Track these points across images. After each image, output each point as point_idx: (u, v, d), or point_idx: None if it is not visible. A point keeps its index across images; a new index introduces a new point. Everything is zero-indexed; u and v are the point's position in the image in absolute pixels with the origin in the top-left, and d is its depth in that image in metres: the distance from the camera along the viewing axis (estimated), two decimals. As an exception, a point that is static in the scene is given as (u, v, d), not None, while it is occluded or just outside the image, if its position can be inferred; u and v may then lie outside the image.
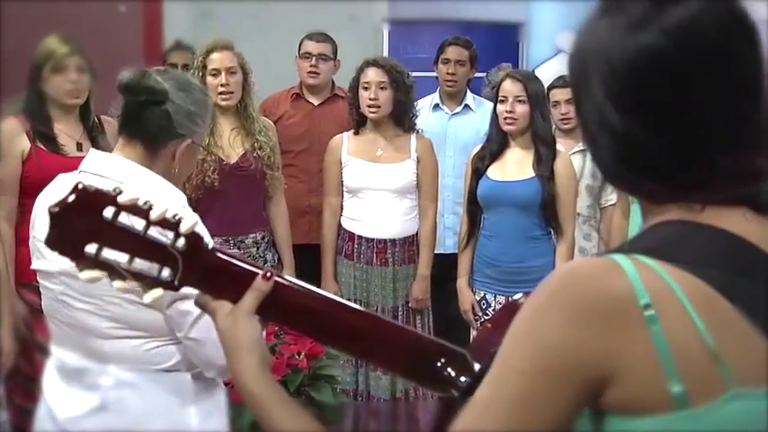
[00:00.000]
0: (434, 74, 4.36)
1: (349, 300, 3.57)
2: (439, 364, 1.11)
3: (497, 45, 5.79)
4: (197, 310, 1.62)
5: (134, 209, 0.99)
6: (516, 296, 1.22)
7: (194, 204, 3.47)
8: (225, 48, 3.44)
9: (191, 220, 1.01)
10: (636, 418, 0.87)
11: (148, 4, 5.12)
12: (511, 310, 1.20)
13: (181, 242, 1.01)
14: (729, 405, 0.85)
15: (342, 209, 3.67)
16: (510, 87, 3.39)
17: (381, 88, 3.53)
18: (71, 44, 3.05)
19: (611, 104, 0.91)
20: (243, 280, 1.05)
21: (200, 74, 3.42)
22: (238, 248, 3.48)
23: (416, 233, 3.67)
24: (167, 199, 1.76)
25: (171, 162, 1.80)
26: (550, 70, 5.25)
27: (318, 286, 3.44)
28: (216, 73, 3.41)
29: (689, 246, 0.90)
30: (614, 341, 0.86)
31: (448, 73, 4.24)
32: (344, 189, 3.65)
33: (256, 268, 1.07)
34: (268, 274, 1.06)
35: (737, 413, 0.86)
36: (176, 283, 1.03)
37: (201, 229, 1.08)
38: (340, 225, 3.67)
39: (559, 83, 3.99)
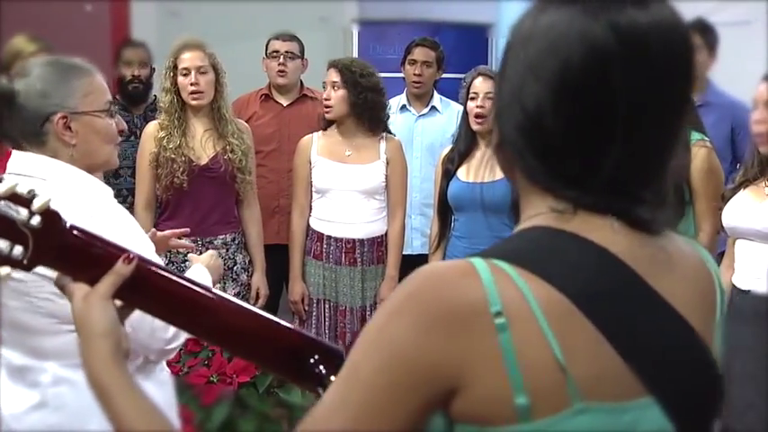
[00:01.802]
0: (404, 75, 4.37)
1: (318, 300, 3.62)
2: (312, 360, 1.08)
3: (467, 46, 5.81)
4: None
5: None
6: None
7: (164, 204, 3.49)
8: (196, 47, 3.43)
9: (44, 197, 0.97)
10: (480, 428, 0.86)
11: (115, 3, 5.08)
12: None
13: (36, 220, 0.96)
14: (574, 419, 0.84)
15: (310, 209, 3.67)
16: (481, 85, 3.40)
17: (335, 89, 3.53)
18: (39, 43, 3.03)
19: (533, 78, 0.89)
20: (102, 262, 1.01)
21: (172, 74, 3.42)
22: (207, 249, 3.46)
23: (385, 234, 3.67)
24: (92, 192, 1.78)
25: (63, 144, 1.80)
26: (519, 71, 5.27)
27: (287, 286, 3.45)
28: (186, 72, 3.39)
29: (552, 255, 0.88)
30: (462, 349, 0.84)
31: (415, 74, 4.26)
32: (313, 189, 3.65)
33: (119, 251, 1.02)
34: (130, 257, 1.01)
35: (581, 427, 0.84)
36: (25, 262, 0.98)
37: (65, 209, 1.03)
38: (309, 225, 3.67)
39: None
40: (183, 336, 1.76)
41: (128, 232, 1.74)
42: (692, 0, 0.93)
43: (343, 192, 3.60)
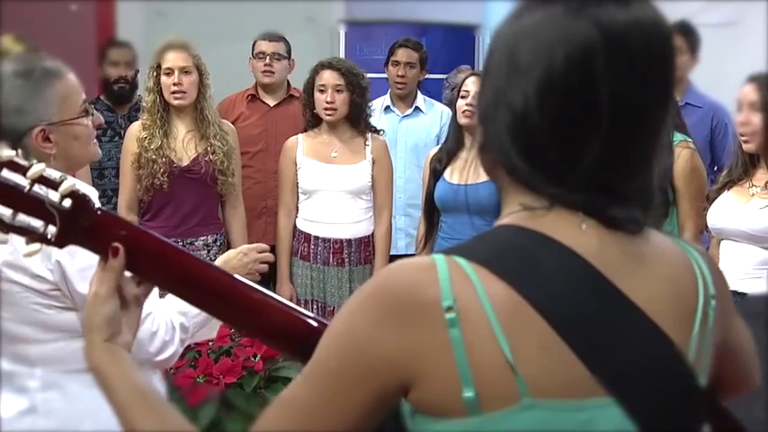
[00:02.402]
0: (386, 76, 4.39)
1: (306, 301, 3.61)
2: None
3: (454, 46, 5.82)
4: None
5: (15, 166, 1.02)
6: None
7: (146, 205, 3.48)
8: (180, 47, 3.42)
9: (70, 181, 1.04)
10: (434, 420, 0.88)
11: (101, 3, 5.06)
12: None
13: (67, 202, 1.03)
14: (522, 414, 0.86)
15: (297, 210, 3.66)
16: (474, 84, 3.41)
17: (338, 91, 3.52)
18: (25, 44, 3.01)
19: (519, 77, 0.90)
20: (125, 242, 1.06)
21: (155, 74, 3.41)
22: (188, 250, 3.46)
23: (372, 234, 3.67)
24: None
25: (43, 155, 1.75)
26: (506, 72, 5.28)
27: (274, 288, 3.43)
28: (169, 72, 3.38)
29: (514, 254, 0.90)
30: (414, 342, 0.87)
31: (398, 75, 4.27)
32: (299, 190, 3.64)
33: (145, 235, 1.08)
34: (115, 249, 1.05)
35: (532, 423, 0.86)
36: (54, 240, 1.05)
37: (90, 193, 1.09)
38: (295, 226, 3.67)
39: None
40: (173, 348, 1.75)
41: None
42: (678, 0, 0.93)
43: (330, 192, 3.59)
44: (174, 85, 3.37)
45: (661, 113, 0.93)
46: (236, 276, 1.13)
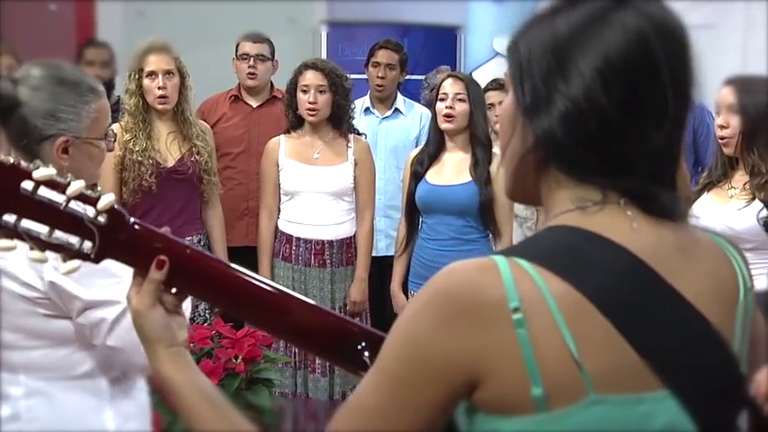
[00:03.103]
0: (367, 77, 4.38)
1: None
2: (359, 347, 1.13)
3: (435, 48, 5.83)
4: (111, 316, 1.62)
5: (51, 183, 1.03)
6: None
7: (130, 208, 3.46)
8: (162, 50, 3.41)
9: (108, 197, 1.05)
10: (500, 418, 0.90)
11: (80, 3, 5.03)
12: None
13: (103, 217, 1.05)
14: (588, 410, 0.88)
15: (279, 211, 3.66)
16: (451, 86, 3.42)
17: (321, 92, 3.52)
18: (2, 44, 2.99)
19: (572, 68, 0.93)
20: (165, 254, 1.08)
21: (137, 76, 3.39)
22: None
23: (354, 235, 3.67)
24: None
25: (54, 164, 1.75)
26: (488, 73, 5.31)
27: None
28: (152, 75, 3.37)
29: (571, 254, 0.92)
30: (483, 343, 0.88)
31: (378, 77, 4.27)
32: (281, 192, 3.64)
33: (178, 245, 1.10)
34: (161, 262, 1.07)
35: (597, 418, 0.89)
36: (93, 255, 1.06)
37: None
38: (277, 227, 3.66)
39: (494, 85, 4.02)
40: None
41: None
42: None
43: (312, 194, 3.59)
44: (159, 89, 3.36)
45: (692, 101, 0.98)
46: (271, 283, 1.14)
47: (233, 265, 1.14)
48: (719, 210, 2.76)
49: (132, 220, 1.08)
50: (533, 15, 0.98)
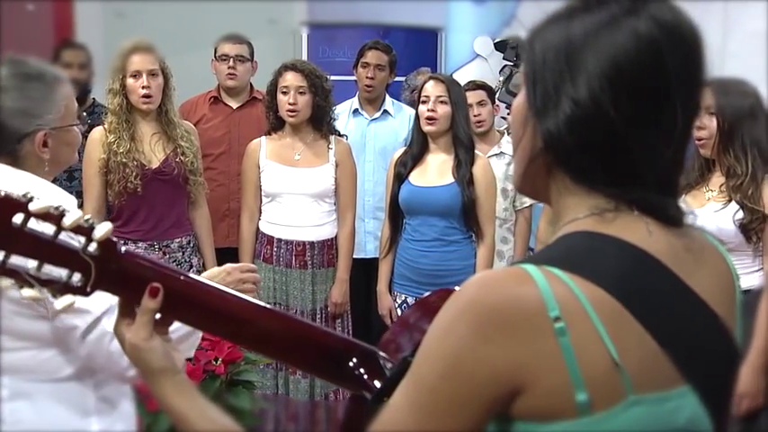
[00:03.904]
0: (353, 77, 4.37)
1: (268, 303, 3.60)
2: (351, 363, 1.13)
3: (416, 49, 5.83)
4: (83, 324, 1.61)
5: (46, 216, 0.98)
6: (425, 294, 1.24)
7: (117, 211, 3.44)
8: (146, 50, 3.40)
9: (105, 227, 1.01)
10: (542, 424, 0.91)
11: (58, 3, 5.00)
12: (420, 308, 1.22)
13: (93, 247, 1.01)
14: (628, 411, 0.90)
15: (260, 213, 3.65)
16: (432, 88, 3.43)
17: (300, 93, 3.52)
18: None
19: (581, 73, 0.93)
20: (157, 281, 1.05)
21: (120, 76, 3.37)
22: (164, 253, 3.45)
23: (335, 237, 3.67)
24: (58, 203, 1.72)
25: (37, 158, 1.75)
26: (468, 75, 5.32)
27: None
28: (137, 75, 3.35)
29: (596, 258, 0.94)
30: (525, 353, 0.89)
31: (367, 77, 4.25)
32: (263, 193, 3.63)
33: (169, 271, 1.07)
34: (155, 290, 1.05)
35: (635, 418, 0.91)
36: (88, 288, 1.02)
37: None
38: (258, 229, 3.66)
39: (470, 86, 4.04)
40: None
41: None
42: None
43: (293, 195, 3.59)
44: (144, 88, 3.35)
45: (700, 109, 0.99)
46: (258, 302, 1.13)
47: (227, 290, 1.12)
48: (697, 212, 2.78)
49: (124, 249, 1.05)
50: (550, 15, 0.98)
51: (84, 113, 4.02)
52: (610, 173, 0.95)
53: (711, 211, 2.75)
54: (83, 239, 1.00)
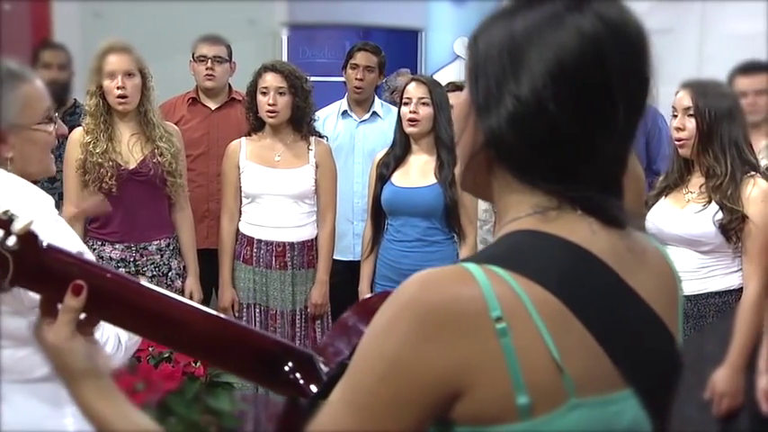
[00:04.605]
0: (334, 78, 4.37)
1: (248, 305, 3.59)
2: (286, 368, 1.09)
3: (396, 50, 5.83)
4: None
5: None
6: (366, 296, 1.21)
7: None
8: (122, 50, 3.37)
9: (25, 219, 0.97)
10: (482, 427, 0.88)
11: (36, 3, 4.96)
12: (359, 310, 1.19)
13: (12, 241, 0.96)
14: (570, 414, 0.88)
15: (240, 214, 3.64)
16: (415, 90, 3.44)
17: (280, 93, 3.51)
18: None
19: (524, 70, 0.91)
20: (81, 278, 1.00)
21: (96, 77, 3.35)
22: (141, 255, 3.42)
23: (315, 238, 3.66)
24: (33, 203, 1.71)
25: (1, 158, 1.72)
26: (448, 76, 5.33)
27: (216, 292, 3.37)
28: (112, 75, 3.33)
29: (539, 257, 0.92)
30: (465, 354, 0.86)
31: (356, 79, 4.21)
32: (243, 194, 3.62)
33: (95, 268, 1.02)
34: (78, 287, 1.00)
35: (576, 422, 0.88)
36: (6, 284, 0.98)
37: (38, 228, 1.01)
38: (238, 230, 3.64)
39: (450, 87, 4.04)
40: (117, 360, 1.72)
41: (68, 244, 1.69)
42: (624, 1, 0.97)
43: (273, 196, 3.58)
44: (118, 89, 3.32)
45: (646, 104, 0.97)
46: (189, 302, 1.09)
47: (158, 289, 1.07)
48: (677, 214, 2.80)
49: (46, 243, 1.00)
50: (495, 12, 0.97)
51: (63, 114, 4.00)
52: (552, 170, 0.93)
53: (692, 212, 2.76)
54: (1, 232, 0.96)
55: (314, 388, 1.07)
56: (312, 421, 0.92)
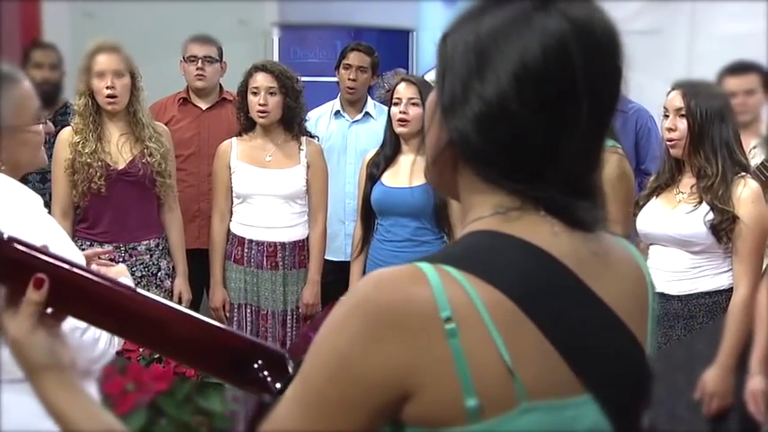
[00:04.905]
0: (325, 78, 4.36)
1: (240, 305, 3.58)
2: (255, 365, 1.07)
3: (388, 50, 5.83)
4: None
5: None
6: (342, 297, 1.20)
7: (83, 212, 3.41)
8: (111, 50, 3.36)
9: None
10: (432, 430, 0.87)
11: (26, 3, 4.94)
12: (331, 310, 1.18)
13: None
14: (522, 418, 0.87)
15: (231, 214, 3.64)
16: (405, 90, 3.44)
17: (271, 94, 3.51)
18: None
19: (490, 70, 0.90)
20: (43, 272, 0.99)
21: (85, 77, 3.34)
22: (130, 255, 3.41)
23: (307, 238, 3.66)
24: (21, 202, 1.72)
25: None
26: (439, 76, 5.32)
27: (207, 292, 3.36)
28: (101, 75, 3.32)
29: (496, 259, 0.90)
30: (414, 355, 0.85)
31: (349, 79, 4.20)
32: (234, 195, 3.62)
33: (60, 262, 1.00)
34: (39, 281, 0.98)
35: (529, 426, 0.87)
36: None
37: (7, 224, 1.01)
38: (230, 230, 3.64)
39: None
40: (110, 356, 1.72)
41: (57, 244, 1.69)
42: (615, 1, 0.95)
43: (264, 196, 3.58)
44: (108, 88, 3.31)
45: (617, 104, 0.96)
46: (160, 299, 1.07)
47: (129, 285, 1.06)
48: (668, 214, 2.81)
49: (8, 235, 0.98)
50: (465, 11, 0.96)
51: (55, 114, 3.99)
52: (515, 170, 0.92)
53: (683, 212, 2.77)
54: None
55: (279, 386, 1.06)
56: (266, 419, 0.92)
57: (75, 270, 1.01)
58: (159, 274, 3.50)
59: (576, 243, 0.93)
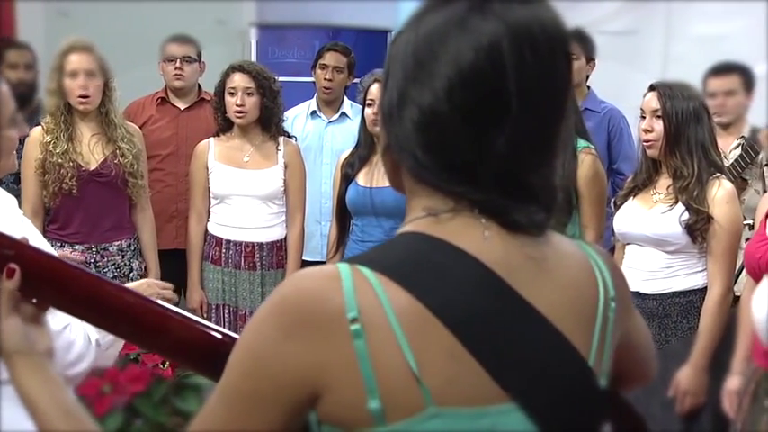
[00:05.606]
0: (303, 79, 4.35)
1: (217, 305, 3.57)
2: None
3: (366, 50, 5.82)
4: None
5: None
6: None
7: (53, 212, 3.38)
8: (84, 50, 3.34)
9: None
10: (342, 431, 0.88)
11: (-1, 2, 4.90)
12: None
13: None
14: (427, 423, 0.86)
15: (208, 214, 3.62)
16: (378, 91, 3.43)
17: (248, 94, 3.50)
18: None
19: (425, 75, 0.89)
20: (18, 262, 1.01)
21: (57, 76, 3.31)
22: (102, 256, 3.40)
23: (285, 238, 3.65)
24: None
25: None
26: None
27: (185, 292, 3.35)
28: (74, 75, 3.29)
29: (418, 263, 0.90)
30: (321, 354, 0.86)
31: (325, 79, 4.20)
32: (211, 195, 3.61)
33: (33, 251, 1.03)
34: (10, 269, 1.01)
35: (438, 430, 0.87)
36: None
37: None
38: (207, 231, 3.62)
39: None
40: (87, 361, 1.71)
41: (35, 244, 1.67)
42: (592, 1, 0.94)
43: (242, 197, 3.57)
44: (80, 88, 3.29)
45: (563, 107, 0.94)
46: (135, 291, 1.09)
47: (98, 275, 1.08)
48: (644, 214, 2.83)
49: None
50: (413, 13, 0.95)
51: (30, 114, 3.95)
52: (448, 172, 0.91)
53: (659, 213, 2.79)
54: None
55: None
56: (195, 417, 0.93)
57: (51, 260, 1.03)
58: (131, 274, 3.49)
59: (509, 247, 0.92)
